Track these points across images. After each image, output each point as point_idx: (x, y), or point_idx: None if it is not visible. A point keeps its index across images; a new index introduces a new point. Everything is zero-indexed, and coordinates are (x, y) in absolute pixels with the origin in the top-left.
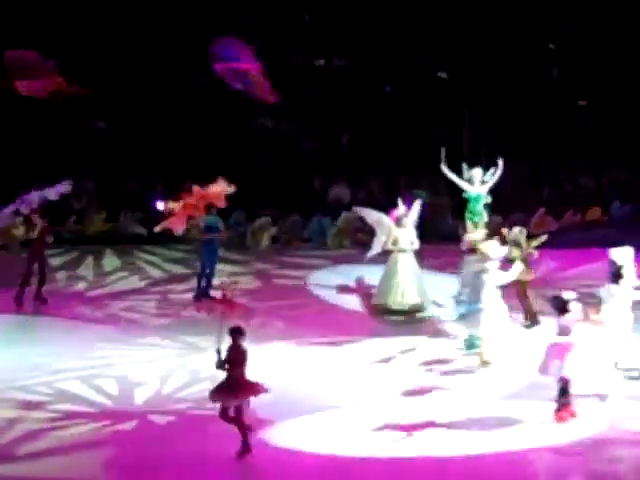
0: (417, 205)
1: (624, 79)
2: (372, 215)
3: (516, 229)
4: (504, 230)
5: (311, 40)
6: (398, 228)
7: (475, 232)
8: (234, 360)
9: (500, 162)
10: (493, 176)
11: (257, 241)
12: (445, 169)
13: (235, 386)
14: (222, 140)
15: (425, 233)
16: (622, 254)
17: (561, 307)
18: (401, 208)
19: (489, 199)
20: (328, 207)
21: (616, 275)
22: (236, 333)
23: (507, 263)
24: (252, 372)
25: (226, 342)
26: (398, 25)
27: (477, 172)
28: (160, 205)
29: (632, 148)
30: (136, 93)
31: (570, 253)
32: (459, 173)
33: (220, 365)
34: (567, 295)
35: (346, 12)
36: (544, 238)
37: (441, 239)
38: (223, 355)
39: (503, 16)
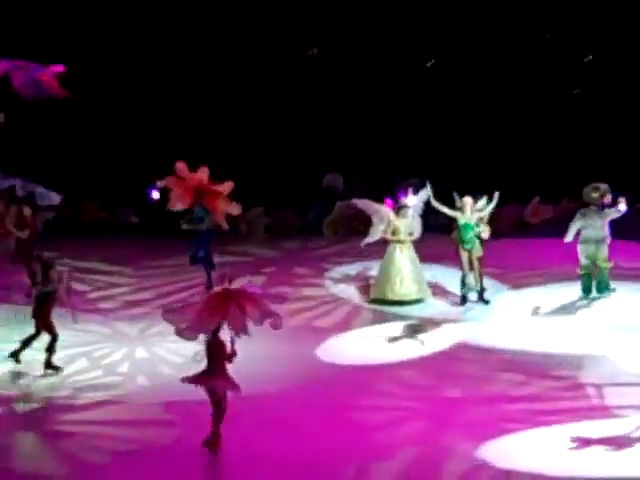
0: (423, 193)
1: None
2: (371, 206)
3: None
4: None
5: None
6: (398, 218)
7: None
8: (215, 351)
9: (496, 195)
10: (487, 207)
11: (251, 231)
12: (435, 203)
13: (211, 373)
14: (215, 130)
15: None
16: None
17: None
18: (409, 198)
19: (483, 230)
20: (322, 196)
21: None
22: None
23: None
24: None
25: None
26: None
27: (468, 200)
28: (156, 195)
29: (630, 134)
30: (129, 84)
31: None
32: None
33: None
34: None
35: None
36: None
37: (441, 229)
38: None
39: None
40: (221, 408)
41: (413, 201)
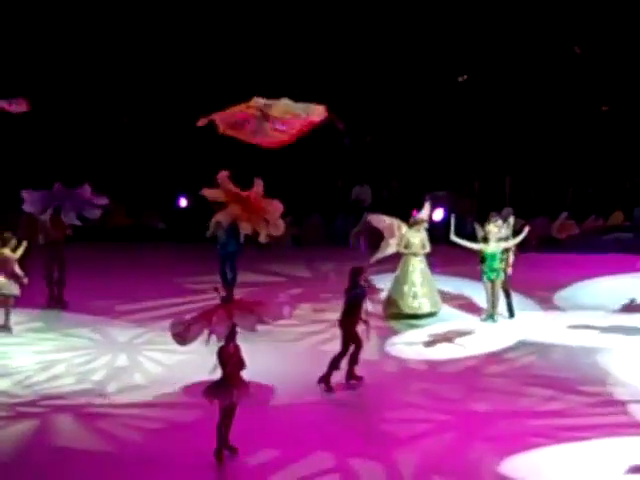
0: (427, 208)
1: None
2: (384, 221)
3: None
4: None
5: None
6: (411, 231)
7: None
8: (226, 360)
9: (526, 229)
10: (513, 239)
11: (278, 242)
12: (455, 238)
13: (225, 386)
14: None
15: (445, 235)
16: None
17: None
18: (425, 212)
19: (509, 258)
20: (350, 208)
21: None
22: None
23: None
24: None
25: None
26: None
27: (493, 228)
28: (183, 202)
29: None
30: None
31: (591, 258)
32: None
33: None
34: None
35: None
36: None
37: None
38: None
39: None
40: (229, 417)
41: (426, 215)
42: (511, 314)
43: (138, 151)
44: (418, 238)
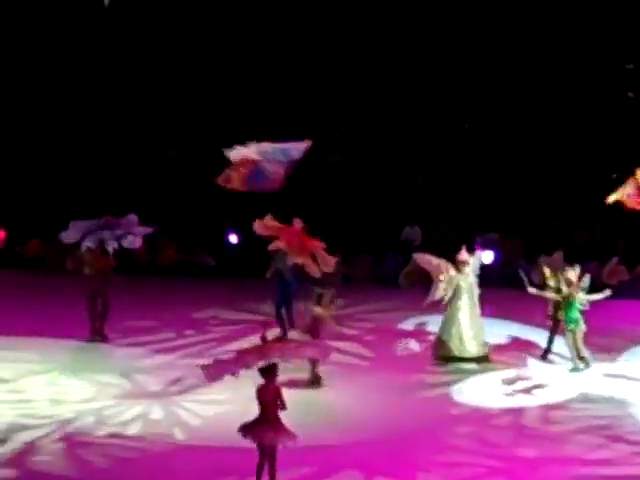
0: (480, 253)
1: None
2: (432, 261)
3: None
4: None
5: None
6: (459, 274)
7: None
8: (265, 400)
9: (607, 291)
10: (593, 295)
11: (328, 280)
12: (532, 289)
13: (263, 425)
14: (294, 178)
15: (495, 277)
16: None
17: None
18: (463, 254)
19: (586, 306)
20: (400, 247)
21: None
22: (266, 373)
23: None
24: None
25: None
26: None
27: (572, 275)
28: (233, 238)
29: None
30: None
31: None
32: None
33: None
34: None
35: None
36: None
37: (512, 284)
38: None
39: None
40: (269, 456)
41: (468, 256)
42: (545, 355)
43: (188, 186)
44: (466, 280)
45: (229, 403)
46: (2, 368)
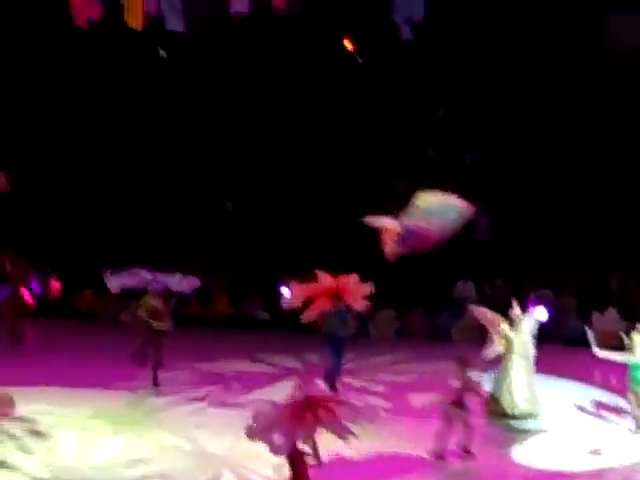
0: (534, 311)
1: None
2: (487, 315)
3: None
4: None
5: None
6: (512, 331)
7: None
8: (295, 463)
9: None
10: None
11: (382, 334)
12: (598, 352)
13: None
14: (347, 230)
15: (548, 334)
16: None
17: None
18: (516, 310)
19: None
20: (454, 303)
21: None
22: None
23: None
24: None
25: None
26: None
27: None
28: (285, 291)
29: None
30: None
31: None
32: None
33: None
34: None
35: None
36: None
37: (564, 342)
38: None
39: None
40: None
41: (521, 312)
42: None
43: (243, 238)
44: (519, 337)
45: None
46: (52, 425)
